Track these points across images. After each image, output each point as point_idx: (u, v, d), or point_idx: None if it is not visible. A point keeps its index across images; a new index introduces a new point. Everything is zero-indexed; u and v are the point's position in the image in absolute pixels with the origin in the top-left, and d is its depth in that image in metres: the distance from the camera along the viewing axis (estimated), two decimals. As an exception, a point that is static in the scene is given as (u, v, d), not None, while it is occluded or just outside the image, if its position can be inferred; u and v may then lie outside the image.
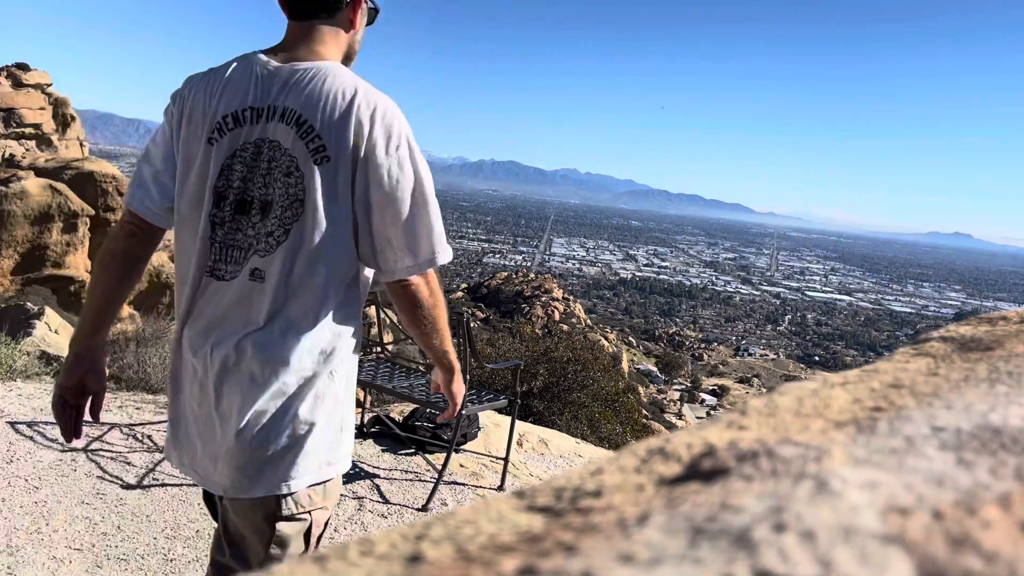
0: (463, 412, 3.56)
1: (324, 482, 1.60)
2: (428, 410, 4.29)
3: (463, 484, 3.82)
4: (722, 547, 0.33)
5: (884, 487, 0.37)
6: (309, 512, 1.59)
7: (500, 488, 3.83)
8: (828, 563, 0.31)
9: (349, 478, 3.74)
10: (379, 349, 4.41)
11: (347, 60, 1.65)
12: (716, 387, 49.18)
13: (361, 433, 4.38)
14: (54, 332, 6.23)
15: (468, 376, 3.56)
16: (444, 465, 3.63)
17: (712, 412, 37.75)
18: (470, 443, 4.26)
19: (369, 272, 1.62)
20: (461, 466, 4.01)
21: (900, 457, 0.41)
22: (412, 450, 4.16)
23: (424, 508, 3.52)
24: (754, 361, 65.76)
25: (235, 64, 1.59)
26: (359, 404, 6.32)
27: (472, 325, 3.68)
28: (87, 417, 1.68)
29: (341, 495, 3.50)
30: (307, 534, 1.61)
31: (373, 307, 4.28)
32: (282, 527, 1.57)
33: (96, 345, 1.66)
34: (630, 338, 58.59)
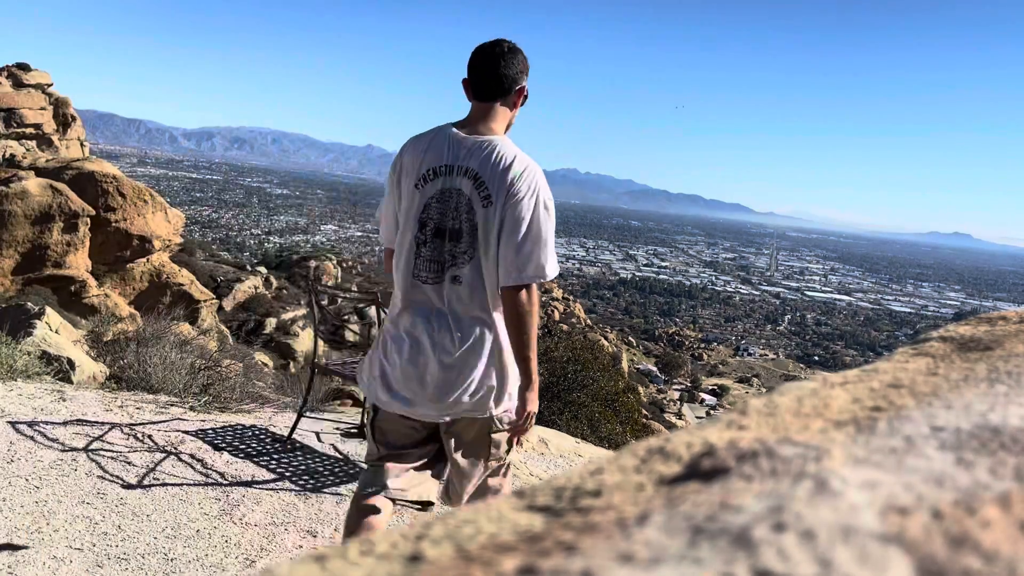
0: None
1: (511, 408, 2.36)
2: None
3: (463, 484, 3.82)
4: (722, 547, 0.33)
5: (884, 487, 0.37)
6: (509, 425, 2.37)
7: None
8: (828, 563, 0.31)
9: (349, 478, 3.74)
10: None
11: (507, 128, 2.34)
12: (716, 387, 49.17)
13: (361, 433, 4.38)
14: (55, 332, 6.23)
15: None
16: (444, 464, 3.62)
17: (712, 412, 37.73)
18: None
19: None
20: (461, 466, 4.01)
21: (900, 457, 0.41)
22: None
23: (424, 508, 3.51)
24: (754, 361, 65.74)
25: (435, 134, 2.29)
26: (359, 404, 6.32)
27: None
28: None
29: (340, 494, 3.50)
30: (508, 440, 2.42)
31: (374, 307, 4.28)
32: (495, 436, 2.38)
33: None
34: (630, 338, 58.57)
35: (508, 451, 2.46)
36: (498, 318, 2.28)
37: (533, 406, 2.36)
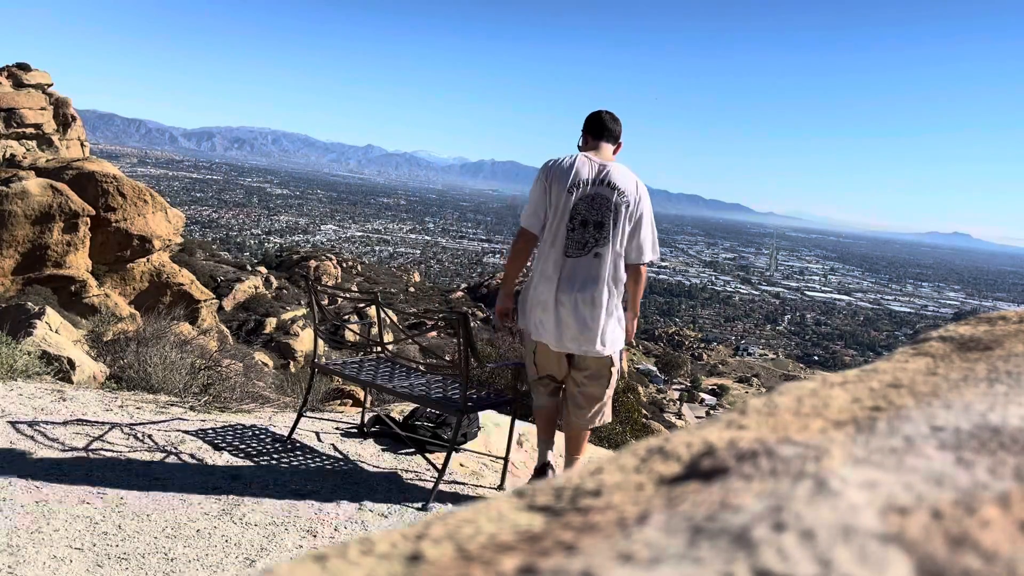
0: (463, 412, 3.57)
1: (623, 350, 3.60)
2: (428, 409, 4.29)
3: (463, 484, 3.82)
4: (722, 546, 0.33)
5: (883, 486, 0.37)
6: (620, 361, 3.58)
7: (500, 488, 3.83)
8: (827, 562, 0.31)
9: (349, 477, 3.74)
10: (379, 349, 4.41)
11: None
12: (715, 387, 49.14)
13: (361, 433, 4.38)
14: (55, 332, 6.23)
15: (468, 376, 3.57)
16: (444, 465, 3.63)
17: (712, 412, 37.72)
18: (470, 443, 4.26)
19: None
20: (461, 466, 4.01)
21: (899, 456, 0.41)
22: (412, 450, 4.16)
23: (424, 507, 3.52)
24: (753, 361, 65.73)
25: (575, 157, 3.42)
26: (359, 404, 6.32)
27: (472, 325, 3.69)
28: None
29: (341, 494, 3.50)
30: (619, 372, 3.59)
31: (373, 307, 4.28)
32: (612, 370, 3.54)
33: (513, 290, 3.66)
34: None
35: (616, 382, 3.61)
36: (618, 284, 3.39)
37: (632, 334, 3.62)
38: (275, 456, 3.93)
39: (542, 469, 3.66)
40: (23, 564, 2.66)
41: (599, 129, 3.48)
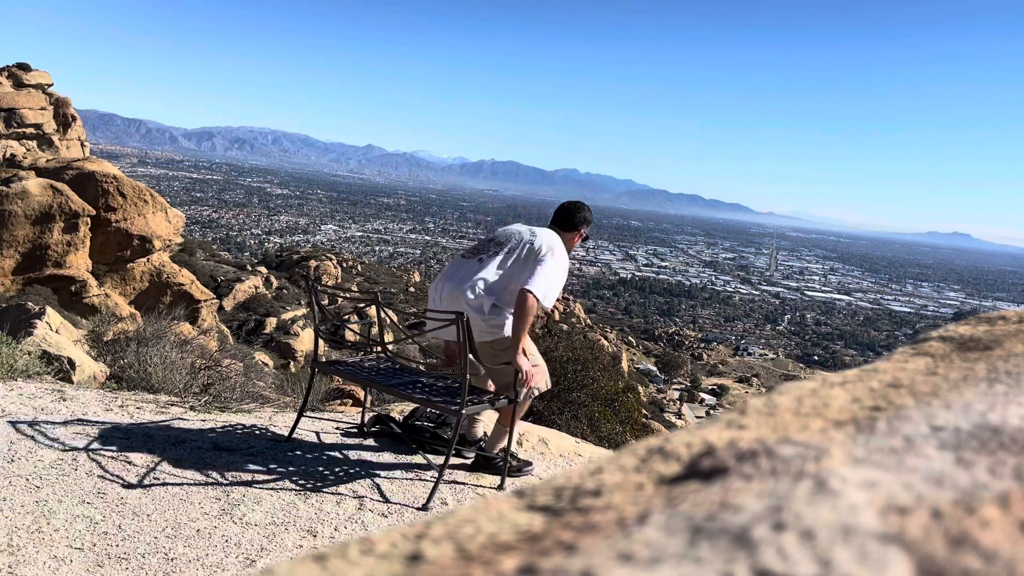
0: (463, 412, 3.56)
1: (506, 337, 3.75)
2: (428, 409, 4.29)
3: (463, 483, 3.82)
4: (722, 546, 0.33)
5: (883, 486, 0.37)
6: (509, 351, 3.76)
7: (500, 487, 3.83)
8: (827, 562, 0.31)
9: (349, 477, 3.74)
10: (379, 349, 4.40)
11: (569, 248, 3.99)
12: (715, 387, 49.15)
13: (361, 433, 4.38)
14: (55, 332, 6.23)
15: (467, 376, 3.57)
16: (444, 464, 3.63)
17: (711, 412, 37.72)
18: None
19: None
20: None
21: (899, 456, 0.41)
22: (412, 449, 4.16)
23: (424, 507, 3.51)
24: (753, 361, 65.73)
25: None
26: (359, 404, 6.31)
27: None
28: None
29: (340, 494, 3.50)
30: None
31: (373, 307, 4.28)
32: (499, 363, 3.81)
33: None
34: (630, 338, 58.55)
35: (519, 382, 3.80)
36: (489, 290, 3.71)
37: (519, 365, 3.66)
38: (275, 456, 3.93)
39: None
40: (23, 564, 2.66)
41: (555, 219, 4.08)
